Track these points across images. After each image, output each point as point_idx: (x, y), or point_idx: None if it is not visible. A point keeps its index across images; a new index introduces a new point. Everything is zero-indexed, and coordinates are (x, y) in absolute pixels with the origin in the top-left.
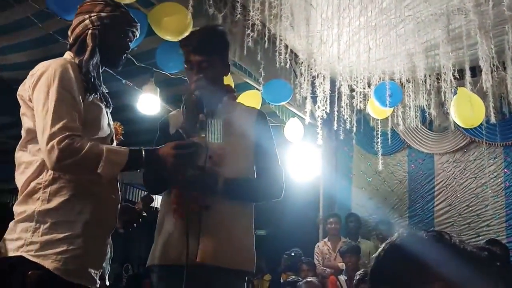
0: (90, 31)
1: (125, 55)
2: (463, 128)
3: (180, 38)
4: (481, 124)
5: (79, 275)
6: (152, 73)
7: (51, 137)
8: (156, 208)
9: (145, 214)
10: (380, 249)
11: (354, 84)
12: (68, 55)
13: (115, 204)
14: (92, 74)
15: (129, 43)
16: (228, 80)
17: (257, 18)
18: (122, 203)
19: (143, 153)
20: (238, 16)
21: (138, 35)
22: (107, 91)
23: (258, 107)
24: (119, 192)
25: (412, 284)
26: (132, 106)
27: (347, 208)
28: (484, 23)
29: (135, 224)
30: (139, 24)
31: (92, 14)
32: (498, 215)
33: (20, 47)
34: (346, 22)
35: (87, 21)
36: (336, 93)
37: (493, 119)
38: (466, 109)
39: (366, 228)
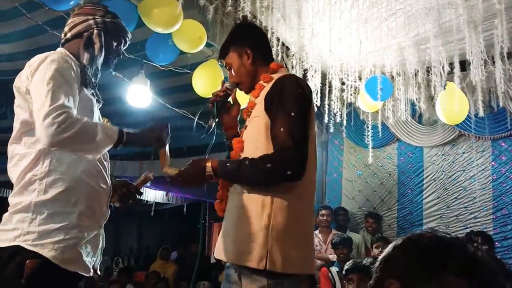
0: (95, 31)
1: (116, 59)
2: None
3: (170, 30)
4: (470, 117)
5: (75, 264)
6: (142, 65)
7: (49, 113)
8: (147, 201)
9: (142, 191)
10: (398, 242)
11: (345, 77)
12: (62, 51)
13: (106, 195)
14: (98, 71)
15: (120, 50)
16: (218, 72)
17: (248, 10)
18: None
19: (125, 130)
20: (229, 7)
21: (127, 44)
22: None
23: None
24: (109, 184)
25: (422, 284)
26: (121, 99)
27: (337, 200)
28: (473, 18)
29: (131, 200)
30: (130, 34)
31: (96, 17)
32: (486, 207)
33: (8, 37)
34: (337, 15)
35: (91, 21)
36: (327, 86)
37: (481, 113)
38: (452, 105)
39: (355, 221)
